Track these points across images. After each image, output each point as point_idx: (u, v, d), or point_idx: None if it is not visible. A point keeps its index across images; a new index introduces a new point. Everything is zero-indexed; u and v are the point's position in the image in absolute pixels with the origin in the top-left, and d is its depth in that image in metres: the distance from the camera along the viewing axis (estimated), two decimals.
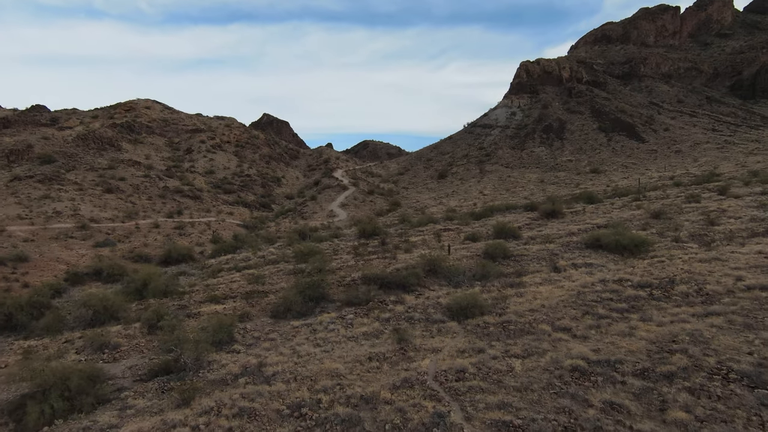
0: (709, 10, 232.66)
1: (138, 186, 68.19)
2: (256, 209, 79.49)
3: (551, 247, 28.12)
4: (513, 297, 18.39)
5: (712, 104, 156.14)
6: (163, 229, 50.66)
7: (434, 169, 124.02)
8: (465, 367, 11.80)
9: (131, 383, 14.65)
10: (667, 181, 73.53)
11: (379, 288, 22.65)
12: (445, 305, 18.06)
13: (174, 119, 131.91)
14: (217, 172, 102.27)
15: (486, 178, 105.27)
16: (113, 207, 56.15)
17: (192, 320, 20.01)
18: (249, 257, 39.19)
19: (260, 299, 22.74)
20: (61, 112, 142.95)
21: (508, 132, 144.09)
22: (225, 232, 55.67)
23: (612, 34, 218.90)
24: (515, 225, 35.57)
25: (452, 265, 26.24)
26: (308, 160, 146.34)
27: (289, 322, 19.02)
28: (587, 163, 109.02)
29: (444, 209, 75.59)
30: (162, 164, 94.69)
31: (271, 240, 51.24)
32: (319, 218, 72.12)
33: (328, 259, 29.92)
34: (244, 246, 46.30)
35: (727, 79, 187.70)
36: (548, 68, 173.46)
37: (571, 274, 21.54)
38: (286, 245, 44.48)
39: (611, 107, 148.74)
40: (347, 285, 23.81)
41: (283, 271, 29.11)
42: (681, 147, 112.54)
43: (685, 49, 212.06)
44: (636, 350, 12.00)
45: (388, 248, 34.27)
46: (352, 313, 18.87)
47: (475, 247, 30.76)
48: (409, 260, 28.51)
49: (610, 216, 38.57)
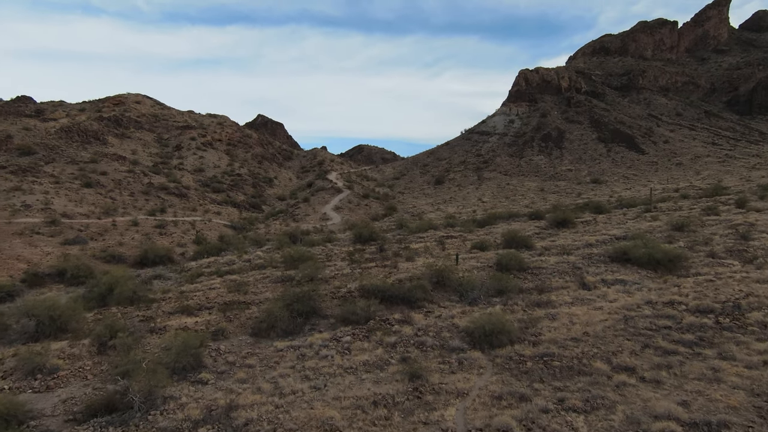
0: (706, 26, 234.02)
1: (120, 181, 64.21)
2: (246, 210, 75.83)
3: (572, 260, 25.09)
4: (544, 320, 15.26)
5: (711, 118, 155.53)
6: (143, 228, 46.85)
7: (431, 175, 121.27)
8: (508, 425, 8.58)
9: (61, 425, 11.23)
10: (673, 193, 71.39)
11: (380, 302, 19.42)
12: (462, 328, 14.88)
13: (164, 115, 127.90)
14: (206, 170, 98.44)
15: (484, 185, 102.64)
16: (90, 202, 52.23)
17: (155, 337, 16.61)
18: (233, 261, 35.75)
19: (240, 312, 19.39)
20: (47, 104, 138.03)
21: (506, 140, 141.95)
22: (211, 232, 52.08)
23: (610, 46, 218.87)
24: (525, 234, 32.56)
25: (463, 277, 23.09)
26: (302, 161, 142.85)
27: (273, 343, 15.72)
28: (587, 173, 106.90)
29: (442, 215, 72.57)
30: (149, 160, 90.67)
31: (259, 242, 47.72)
32: (311, 221, 68.66)
33: (321, 266, 26.62)
34: (230, 248, 42.80)
35: (723, 95, 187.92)
36: (547, 77, 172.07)
37: (605, 292, 18.46)
38: (275, 249, 41.07)
39: (610, 118, 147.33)
40: (342, 297, 20.54)
41: (270, 279, 25.76)
42: (682, 160, 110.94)
43: (682, 63, 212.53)
44: (738, 406, 8.88)
45: (387, 255, 31.07)
46: (349, 334, 15.60)
47: (485, 257, 27.65)
48: (413, 270, 25.33)
49: (626, 227, 35.73)
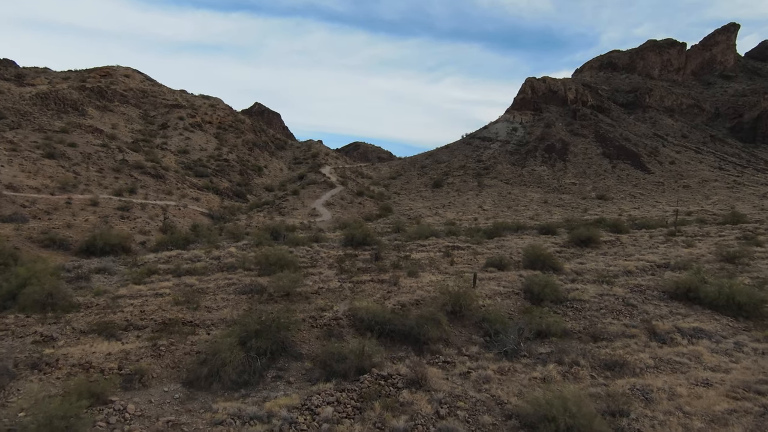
0: (714, 50, 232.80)
1: (90, 155, 57.52)
2: (229, 198, 69.75)
3: (619, 293, 19.89)
4: (633, 400, 9.88)
5: (716, 143, 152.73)
6: (103, 209, 40.58)
7: (429, 177, 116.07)
8: None
9: None
10: (686, 216, 67.13)
11: (377, 338, 14.00)
12: (512, 409, 9.43)
13: (154, 92, 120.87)
14: (191, 152, 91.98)
15: (485, 193, 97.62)
16: (47, 175, 45.76)
17: (36, 378, 10.93)
18: (199, 257, 29.99)
19: (180, 339, 13.75)
20: (29, 69, 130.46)
21: (508, 147, 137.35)
22: (183, 220, 46.09)
23: (618, 62, 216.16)
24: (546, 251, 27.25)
25: (486, 307, 17.71)
26: (295, 152, 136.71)
27: (212, 404, 10.17)
28: (592, 188, 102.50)
29: (441, 221, 67.31)
30: (129, 136, 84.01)
31: (236, 236, 41.87)
32: (299, 216, 62.88)
33: (302, 276, 21.09)
34: (200, 240, 36.92)
35: (727, 121, 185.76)
36: (554, 87, 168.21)
37: (695, 351, 13.13)
38: (253, 245, 35.35)
39: (615, 134, 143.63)
40: (326, 327, 15.02)
41: (236, 287, 20.16)
42: (689, 182, 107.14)
43: (688, 85, 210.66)
44: None
45: (385, 266, 25.57)
46: (330, 401, 10.07)
47: (506, 278, 22.32)
48: (418, 290, 19.91)
49: (661, 252, 30.73)
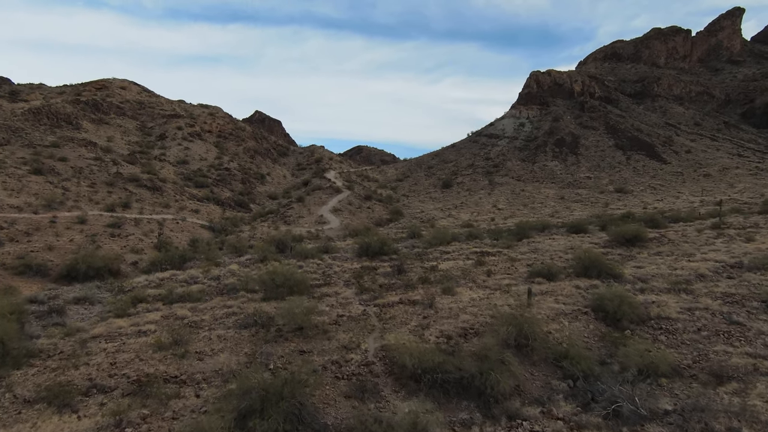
0: (720, 36, 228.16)
1: (82, 169, 54.17)
2: (231, 208, 66.24)
3: (711, 306, 16.00)
4: None
5: (731, 129, 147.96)
6: (92, 227, 37.04)
7: (437, 178, 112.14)
8: None
9: None
10: (715, 206, 62.83)
11: (425, 393, 10.18)
12: None
13: (151, 103, 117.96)
14: (191, 162, 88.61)
15: (497, 191, 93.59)
16: (32, 192, 42.32)
17: None
18: (196, 277, 26.33)
19: (156, 410, 10.00)
20: (24, 86, 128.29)
21: (516, 143, 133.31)
22: (181, 234, 42.55)
23: (622, 52, 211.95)
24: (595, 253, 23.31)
25: (552, 334, 13.89)
26: (298, 158, 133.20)
27: None
28: (608, 181, 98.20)
29: (456, 222, 63.42)
30: (126, 148, 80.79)
31: (239, 250, 38.22)
32: (305, 224, 59.21)
33: (316, 300, 17.34)
34: (198, 257, 33.25)
35: (738, 107, 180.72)
36: (559, 80, 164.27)
37: None
38: (257, 260, 31.66)
39: (627, 125, 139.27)
40: (355, 379, 11.23)
41: (237, 318, 16.42)
42: (709, 171, 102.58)
43: (695, 73, 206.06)
44: None
45: (411, 280, 21.74)
46: None
47: (562, 292, 18.47)
48: (461, 313, 16.10)
49: (723, 249, 26.70)
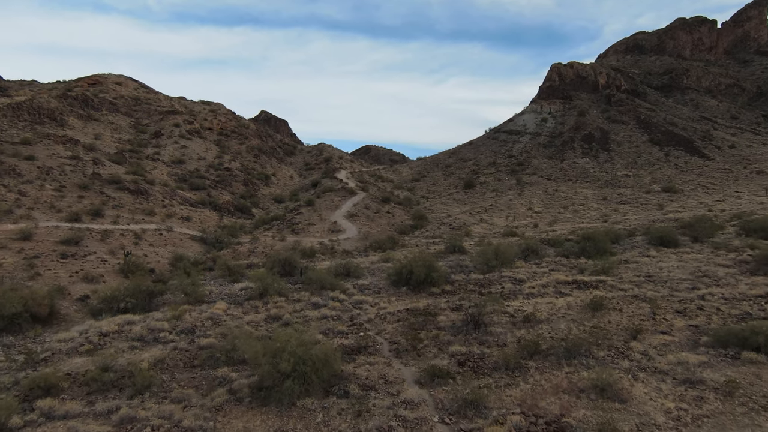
0: (747, 26, 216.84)
1: (51, 170, 45.58)
2: (230, 214, 57.44)
3: None
4: None
5: None
6: (37, 244, 28.26)
7: (457, 177, 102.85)
8: None
9: None
10: None
11: None
12: None
13: (148, 99, 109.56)
14: (188, 162, 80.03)
15: (527, 191, 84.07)
16: None
17: None
18: (159, 330, 17.19)
19: None
20: (14, 82, 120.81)
21: (540, 140, 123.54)
22: (163, 249, 33.70)
23: (645, 43, 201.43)
24: None
25: None
26: (306, 157, 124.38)
27: None
28: (651, 179, 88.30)
29: (493, 229, 54.01)
30: (114, 147, 72.32)
31: (233, 273, 29.16)
32: (317, 233, 50.11)
33: (353, 415, 8.39)
34: (175, 287, 24.15)
35: None
36: (582, 73, 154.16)
37: None
38: (256, 295, 22.47)
39: (659, 119, 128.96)
40: None
41: None
42: (762, 167, 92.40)
43: (723, 65, 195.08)
44: None
45: (507, 350, 12.59)
46: None
47: None
48: None
49: None
